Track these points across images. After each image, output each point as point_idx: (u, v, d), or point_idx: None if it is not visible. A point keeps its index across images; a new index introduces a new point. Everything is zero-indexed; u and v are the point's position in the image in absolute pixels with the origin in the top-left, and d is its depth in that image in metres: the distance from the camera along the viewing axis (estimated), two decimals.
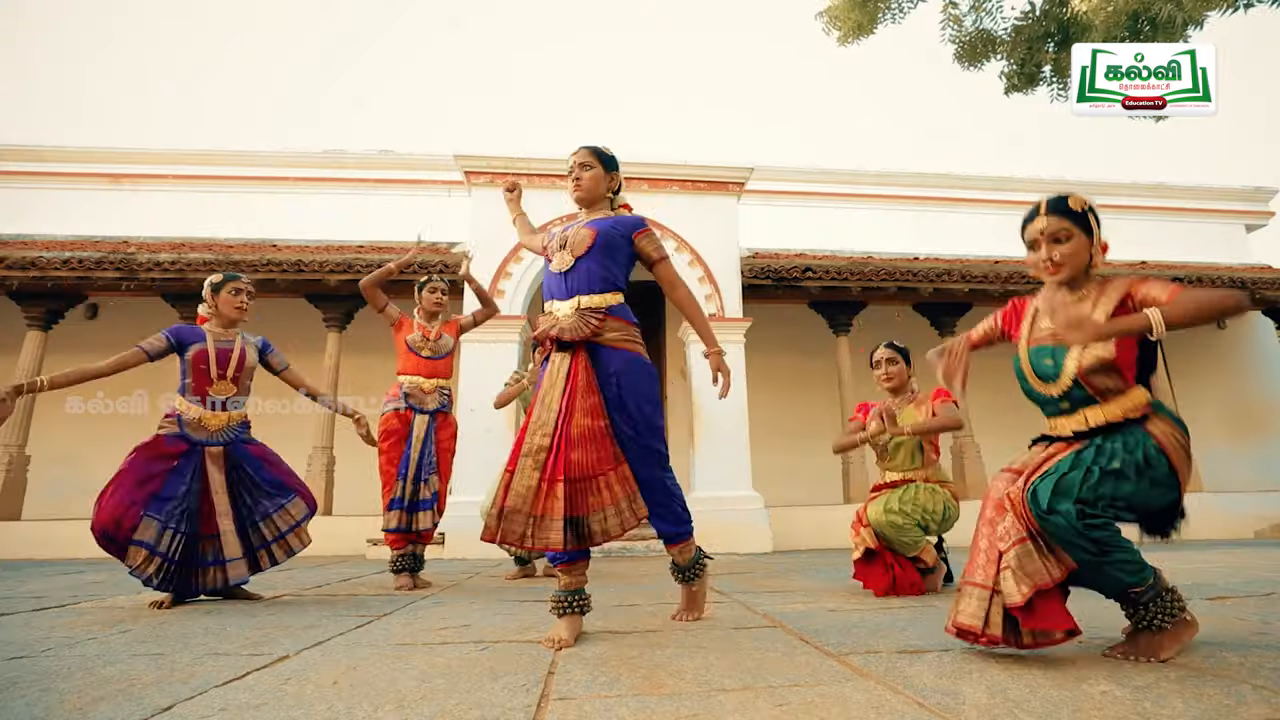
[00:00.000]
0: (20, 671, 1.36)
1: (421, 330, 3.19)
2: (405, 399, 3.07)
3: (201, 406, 2.58)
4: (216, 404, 2.60)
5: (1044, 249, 1.57)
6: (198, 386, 2.59)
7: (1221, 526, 6.39)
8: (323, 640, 1.67)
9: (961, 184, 9.09)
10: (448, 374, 3.22)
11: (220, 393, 2.62)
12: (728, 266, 6.14)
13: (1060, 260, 1.56)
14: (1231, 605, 2.01)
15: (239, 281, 2.74)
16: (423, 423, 3.07)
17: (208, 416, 2.59)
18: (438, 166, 7.84)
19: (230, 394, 2.65)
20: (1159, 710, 0.98)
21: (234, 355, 2.66)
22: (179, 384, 2.61)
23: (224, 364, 2.63)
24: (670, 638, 1.65)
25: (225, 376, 2.63)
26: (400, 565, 2.98)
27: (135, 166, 7.91)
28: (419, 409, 3.07)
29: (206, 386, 2.59)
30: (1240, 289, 6.99)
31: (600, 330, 1.80)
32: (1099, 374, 1.52)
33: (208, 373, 2.59)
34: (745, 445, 5.57)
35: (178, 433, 2.55)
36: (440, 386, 3.16)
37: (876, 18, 3.60)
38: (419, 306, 3.26)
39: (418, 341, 3.16)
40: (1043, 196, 1.63)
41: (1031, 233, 1.60)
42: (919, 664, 1.31)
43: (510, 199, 2.35)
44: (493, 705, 1.08)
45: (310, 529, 2.82)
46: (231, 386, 2.65)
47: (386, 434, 3.04)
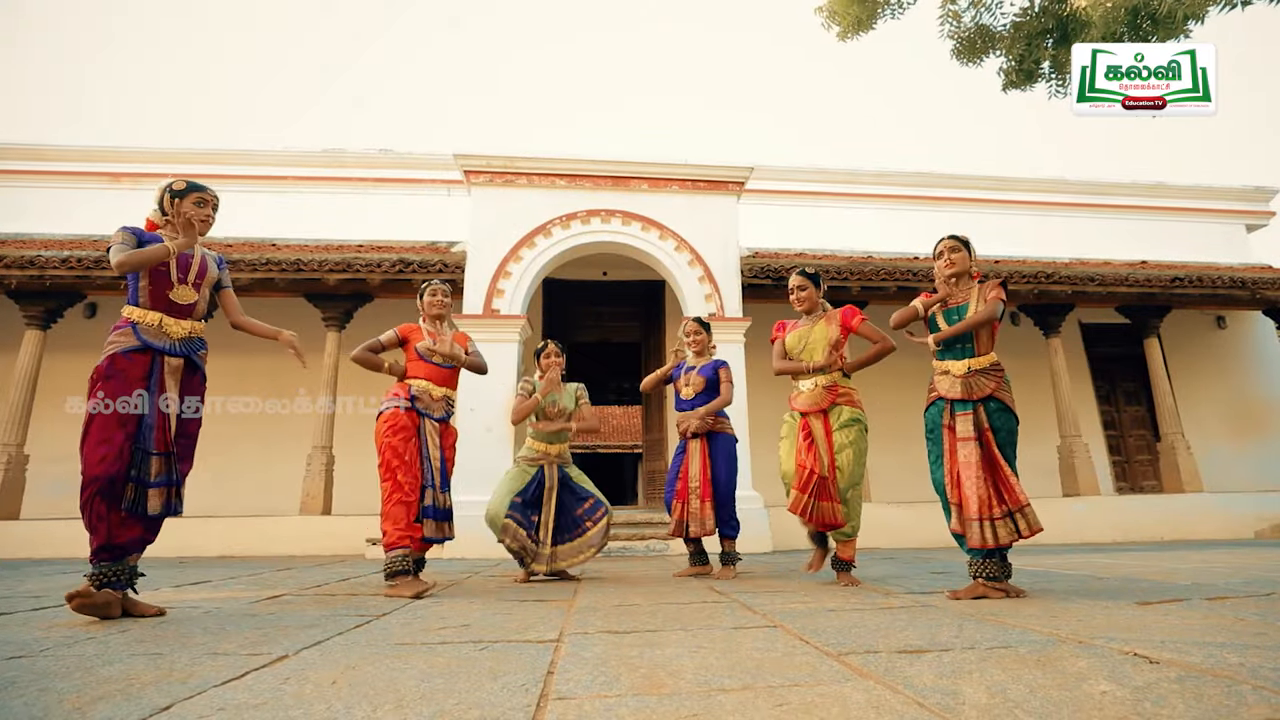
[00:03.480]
0: (19, 671, 1.36)
1: (432, 337, 3.10)
2: (413, 401, 2.96)
3: (160, 312, 2.30)
4: (177, 311, 2.32)
5: (945, 257, 2.61)
6: (156, 291, 2.29)
7: (1221, 526, 6.39)
8: (322, 640, 1.67)
9: (961, 184, 9.09)
10: (455, 384, 3.17)
11: (182, 298, 2.33)
12: (727, 266, 6.14)
13: (954, 263, 2.59)
14: (1231, 605, 2.01)
15: (205, 192, 2.45)
16: (433, 429, 2.99)
17: (170, 322, 2.30)
18: (437, 166, 7.85)
19: (192, 300, 2.36)
20: (1159, 710, 0.98)
21: (195, 261, 2.38)
22: (129, 293, 2.31)
23: (185, 269, 2.35)
24: (670, 637, 1.65)
25: (186, 281, 2.35)
26: (404, 567, 2.77)
27: (134, 166, 7.91)
28: (426, 414, 2.98)
29: (167, 290, 2.30)
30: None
31: (714, 426, 3.43)
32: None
33: (168, 275, 2.30)
34: (745, 445, 5.57)
35: (135, 344, 2.23)
36: (448, 395, 3.09)
37: (876, 13, 3.60)
38: (423, 313, 3.20)
39: (429, 349, 3.06)
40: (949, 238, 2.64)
41: (938, 247, 2.65)
42: (919, 664, 1.31)
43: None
44: (492, 705, 1.08)
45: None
46: (193, 292, 2.37)
47: (396, 429, 2.89)
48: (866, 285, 6.47)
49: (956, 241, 2.62)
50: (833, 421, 2.94)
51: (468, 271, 5.81)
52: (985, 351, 2.48)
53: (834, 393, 2.95)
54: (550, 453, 3.38)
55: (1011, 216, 9.01)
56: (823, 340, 3.01)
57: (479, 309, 5.73)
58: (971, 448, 2.37)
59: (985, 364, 2.45)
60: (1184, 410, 7.57)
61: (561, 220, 6.04)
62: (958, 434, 2.43)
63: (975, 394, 2.42)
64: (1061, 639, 1.51)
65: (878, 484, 6.38)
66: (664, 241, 6.12)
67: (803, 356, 3.05)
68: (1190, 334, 8.46)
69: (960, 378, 2.44)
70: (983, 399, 2.42)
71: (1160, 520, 6.31)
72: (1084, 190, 9.22)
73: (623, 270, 7.32)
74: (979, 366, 2.45)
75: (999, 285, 2.49)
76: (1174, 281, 6.87)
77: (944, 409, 2.49)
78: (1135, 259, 8.40)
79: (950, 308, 2.56)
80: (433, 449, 2.95)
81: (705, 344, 3.58)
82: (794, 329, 3.14)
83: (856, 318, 3.01)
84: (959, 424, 2.43)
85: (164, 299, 2.30)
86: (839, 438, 2.91)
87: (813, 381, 3.00)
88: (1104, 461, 7.91)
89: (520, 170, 6.09)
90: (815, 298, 3.12)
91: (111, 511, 2.10)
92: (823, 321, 3.06)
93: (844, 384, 3.00)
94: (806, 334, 3.07)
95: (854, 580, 2.86)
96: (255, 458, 6.65)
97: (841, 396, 2.96)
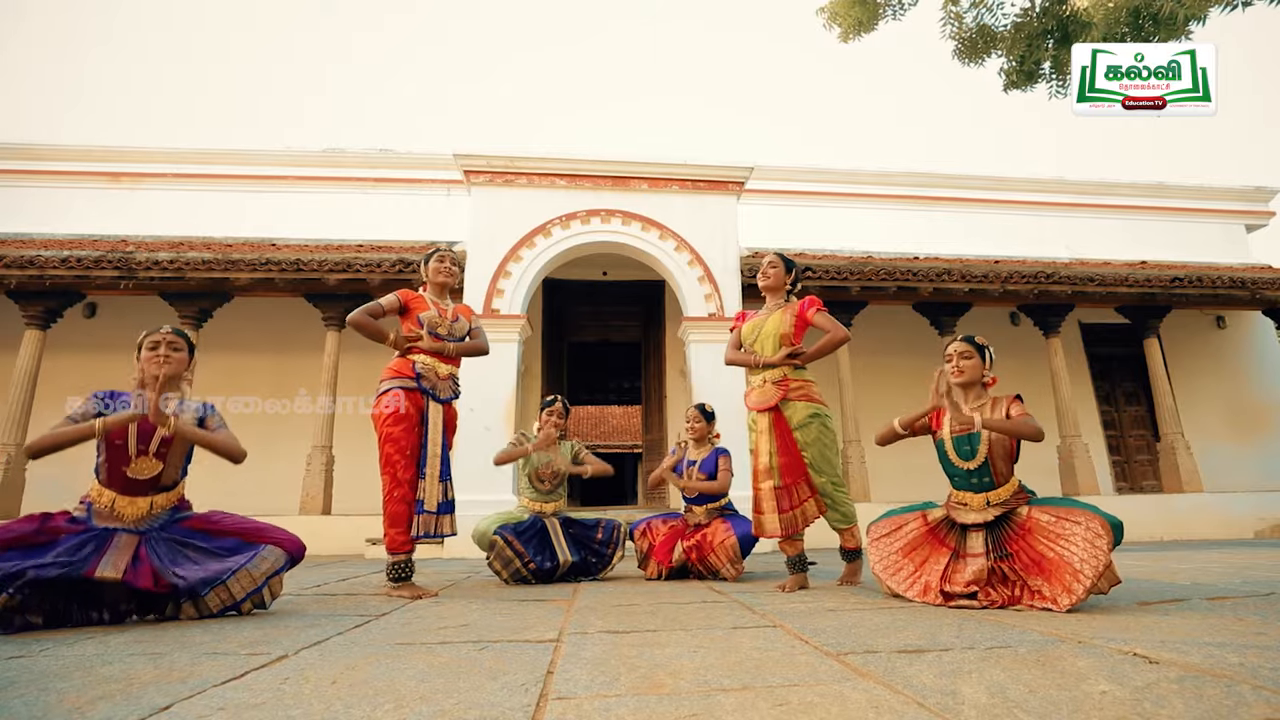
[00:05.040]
0: (18, 671, 1.36)
1: (438, 309, 2.81)
2: (419, 379, 2.68)
3: (115, 491, 2.06)
4: (136, 488, 2.08)
5: (955, 362, 2.35)
6: (112, 466, 2.06)
7: (1221, 526, 6.40)
8: (321, 640, 1.67)
9: (961, 184, 9.09)
10: (459, 362, 2.89)
11: (141, 472, 2.07)
12: (727, 266, 6.13)
13: (964, 370, 2.34)
14: (1231, 605, 2.01)
15: (155, 334, 2.19)
16: (438, 413, 2.71)
17: (123, 503, 2.05)
18: (437, 165, 7.84)
19: (152, 473, 2.09)
20: (1159, 710, 0.98)
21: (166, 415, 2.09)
22: (94, 463, 2.09)
23: (146, 437, 2.07)
24: (670, 637, 1.65)
25: (147, 452, 2.07)
26: (407, 572, 2.64)
27: (134, 165, 7.91)
28: (433, 395, 2.70)
29: (123, 466, 2.06)
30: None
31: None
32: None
33: (125, 448, 2.05)
34: (745, 445, 5.57)
35: (83, 516, 2.03)
36: (453, 374, 2.84)
37: (877, 14, 3.60)
38: (427, 281, 2.92)
39: (434, 319, 2.77)
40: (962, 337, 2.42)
41: (949, 349, 2.40)
42: (918, 663, 1.31)
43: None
44: (492, 705, 1.08)
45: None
46: (156, 464, 2.09)
47: (398, 418, 2.61)
48: (866, 285, 6.46)
49: (970, 346, 2.33)
50: (790, 420, 2.71)
51: (467, 271, 5.80)
52: (1007, 478, 2.21)
53: (784, 387, 2.72)
54: (545, 510, 3.31)
55: (1011, 216, 9.01)
56: (774, 331, 2.78)
57: (479, 309, 5.73)
58: (981, 563, 2.12)
59: (1007, 494, 2.20)
60: (1184, 410, 7.57)
61: (561, 220, 6.04)
62: (967, 550, 2.19)
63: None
64: (1061, 639, 1.51)
65: (877, 484, 6.38)
66: (664, 241, 6.12)
67: (754, 348, 2.83)
68: (1190, 334, 8.46)
69: (979, 511, 2.22)
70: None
71: (1160, 520, 6.31)
72: (1084, 190, 9.22)
73: (623, 270, 7.31)
74: (1000, 499, 2.20)
75: (1017, 400, 2.24)
76: (1174, 281, 6.87)
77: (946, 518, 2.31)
78: (1135, 259, 8.40)
79: (960, 434, 2.26)
80: (434, 434, 2.68)
81: (706, 433, 3.41)
82: (751, 318, 2.94)
83: (813, 309, 2.78)
84: (970, 540, 2.21)
85: (120, 476, 2.07)
86: (800, 437, 2.69)
87: (761, 377, 2.78)
88: (1104, 461, 7.91)
89: (520, 170, 6.09)
90: (783, 280, 2.90)
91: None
92: (779, 312, 2.83)
93: (796, 377, 2.75)
94: (761, 323, 2.85)
95: (857, 577, 2.78)
96: (255, 457, 6.56)
97: (794, 391, 2.71)
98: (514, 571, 3.05)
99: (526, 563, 3.05)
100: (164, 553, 2.05)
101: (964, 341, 2.35)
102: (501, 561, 3.05)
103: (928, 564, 2.25)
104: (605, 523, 3.39)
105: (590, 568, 3.29)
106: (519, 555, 3.05)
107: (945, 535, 2.30)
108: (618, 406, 18.83)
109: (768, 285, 2.93)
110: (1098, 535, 1.94)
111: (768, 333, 2.81)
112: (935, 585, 2.14)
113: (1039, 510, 2.14)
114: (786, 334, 2.77)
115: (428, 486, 2.65)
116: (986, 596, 2.05)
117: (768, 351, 2.79)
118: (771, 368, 2.76)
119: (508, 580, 3.05)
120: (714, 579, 3.08)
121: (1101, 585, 1.98)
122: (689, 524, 3.32)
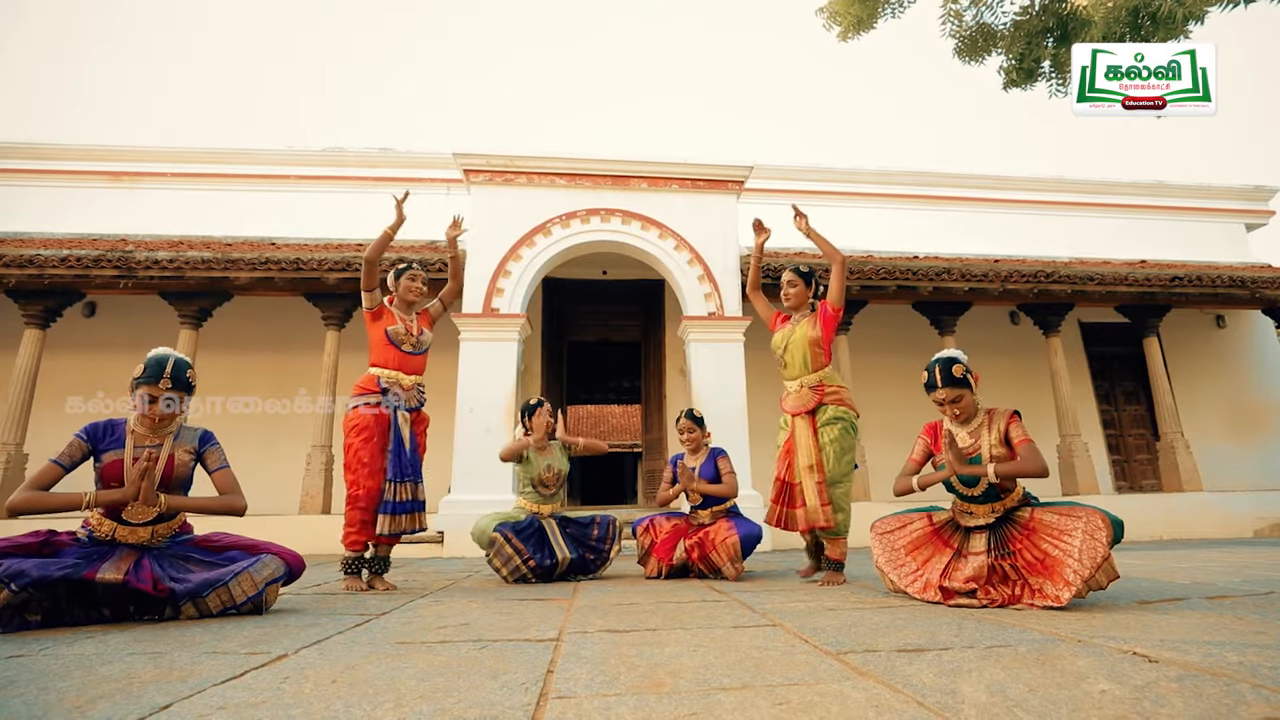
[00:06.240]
0: (18, 670, 1.36)
1: (404, 324, 3.03)
2: (384, 394, 2.90)
3: (115, 522, 2.10)
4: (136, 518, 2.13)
5: (948, 409, 2.29)
6: (110, 509, 2.11)
7: (1221, 526, 6.40)
8: (321, 639, 1.67)
9: (961, 183, 9.09)
10: (423, 370, 3.11)
11: (137, 517, 2.11)
12: (727, 265, 6.13)
13: (960, 410, 2.29)
14: (1231, 604, 2.01)
15: (154, 385, 2.13)
16: (405, 420, 2.93)
17: (124, 532, 2.10)
18: (437, 164, 7.84)
19: (149, 517, 2.13)
20: (1158, 709, 0.98)
21: (160, 463, 2.13)
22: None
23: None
24: (670, 636, 1.65)
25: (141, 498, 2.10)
26: (355, 567, 2.93)
27: (134, 164, 7.90)
28: (400, 405, 2.93)
29: (120, 509, 2.11)
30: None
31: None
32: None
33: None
34: (745, 444, 5.57)
35: (84, 539, 2.09)
36: (418, 383, 3.05)
37: (876, 12, 3.60)
38: (394, 295, 3.09)
39: (400, 334, 2.99)
40: (936, 366, 2.30)
41: (935, 398, 2.30)
42: (918, 663, 1.31)
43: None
44: (492, 704, 1.08)
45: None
46: (152, 511, 2.12)
47: (359, 428, 2.86)
48: (866, 285, 6.46)
49: (952, 389, 2.23)
50: (818, 419, 2.91)
51: (467, 270, 5.80)
52: (1012, 489, 2.24)
53: (820, 392, 2.92)
54: (543, 511, 3.33)
55: (1011, 215, 9.01)
56: (802, 341, 2.99)
57: (479, 308, 5.73)
58: (981, 560, 2.14)
59: (1016, 502, 2.24)
60: (1183, 409, 7.57)
61: (561, 219, 6.04)
62: (969, 549, 2.22)
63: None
64: (1061, 638, 1.51)
65: (877, 483, 6.38)
66: (664, 240, 6.12)
67: (784, 358, 3.06)
68: (1190, 333, 8.46)
69: (984, 516, 2.26)
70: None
71: (1159, 519, 6.32)
72: (1084, 189, 9.22)
73: (623, 269, 7.31)
74: (1010, 506, 2.23)
75: (1016, 418, 2.23)
76: (1173, 281, 6.87)
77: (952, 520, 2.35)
78: (1135, 258, 8.40)
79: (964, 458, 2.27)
80: (404, 440, 2.87)
81: (699, 441, 3.46)
82: (782, 326, 3.15)
83: (831, 306, 2.98)
84: (973, 540, 2.24)
85: (118, 513, 2.12)
86: (821, 435, 2.87)
87: (798, 382, 2.99)
88: (1103, 461, 7.91)
89: (520, 169, 6.09)
90: (805, 296, 3.11)
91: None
92: (805, 322, 3.03)
93: (831, 382, 2.96)
94: (789, 334, 3.06)
95: (839, 579, 2.81)
96: (254, 457, 6.62)
97: (829, 395, 2.92)
98: (514, 569, 3.06)
99: (526, 560, 3.07)
100: (166, 564, 2.12)
101: (945, 387, 2.22)
102: (501, 559, 3.07)
103: (930, 563, 2.27)
104: (600, 519, 3.41)
105: (589, 565, 3.30)
106: (519, 552, 3.07)
107: (949, 536, 2.34)
108: (617, 406, 18.82)
109: (791, 305, 3.13)
110: (1097, 528, 1.96)
111: (797, 342, 3.01)
112: (935, 581, 2.16)
113: (1043, 511, 2.16)
114: (816, 339, 2.97)
115: (394, 487, 2.84)
116: (986, 595, 2.06)
117: (797, 360, 3.00)
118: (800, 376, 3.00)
119: (508, 578, 3.06)
120: (715, 577, 3.08)
121: (1100, 579, 1.98)
122: (693, 524, 3.33)
